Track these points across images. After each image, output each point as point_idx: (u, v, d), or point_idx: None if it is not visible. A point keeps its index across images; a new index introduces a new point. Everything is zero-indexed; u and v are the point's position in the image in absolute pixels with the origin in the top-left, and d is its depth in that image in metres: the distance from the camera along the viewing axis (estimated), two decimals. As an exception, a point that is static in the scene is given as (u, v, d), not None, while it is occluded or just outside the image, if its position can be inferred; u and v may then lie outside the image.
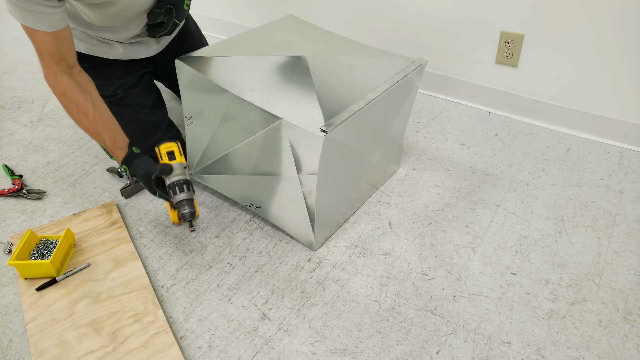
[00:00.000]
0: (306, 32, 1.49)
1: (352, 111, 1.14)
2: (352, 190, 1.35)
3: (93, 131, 1.23)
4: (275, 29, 1.49)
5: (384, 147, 1.41)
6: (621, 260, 1.25)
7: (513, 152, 1.62)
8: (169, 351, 1.07)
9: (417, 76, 1.35)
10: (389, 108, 1.31)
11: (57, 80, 1.18)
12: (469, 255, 1.28)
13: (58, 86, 1.19)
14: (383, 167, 1.47)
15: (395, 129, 1.42)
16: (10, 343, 1.12)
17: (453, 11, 1.71)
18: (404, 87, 1.32)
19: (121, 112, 1.42)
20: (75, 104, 1.20)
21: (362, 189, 1.41)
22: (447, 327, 1.12)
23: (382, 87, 1.23)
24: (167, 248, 1.33)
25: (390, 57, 1.37)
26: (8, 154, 1.70)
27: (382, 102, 1.25)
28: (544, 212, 1.40)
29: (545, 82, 1.67)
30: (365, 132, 1.27)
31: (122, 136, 1.26)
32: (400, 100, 1.35)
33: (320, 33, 1.50)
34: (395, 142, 1.48)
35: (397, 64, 1.33)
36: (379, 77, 1.27)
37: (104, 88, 1.40)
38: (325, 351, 1.08)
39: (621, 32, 1.46)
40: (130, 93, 1.42)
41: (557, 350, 1.06)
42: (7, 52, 2.35)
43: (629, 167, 1.54)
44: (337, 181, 1.26)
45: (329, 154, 1.13)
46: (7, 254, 1.33)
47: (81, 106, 1.20)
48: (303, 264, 1.28)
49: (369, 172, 1.40)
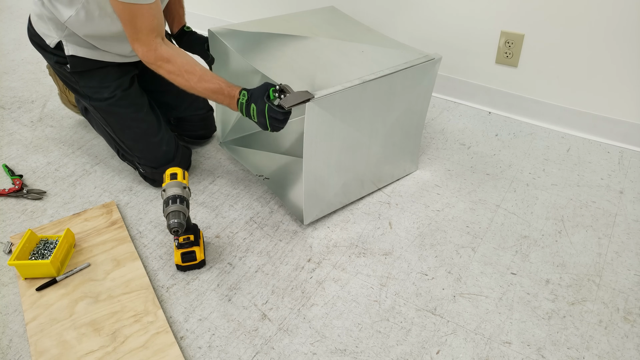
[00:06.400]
0: (336, 20, 1.55)
1: (344, 87, 1.18)
2: (348, 175, 1.36)
3: (205, 83, 1.24)
4: (311, 15, 1.58)
5: (391, 141, 1.41)
6: (621, 260, 1.25)
7: (513, 152, 1.62)
8: (169, 351, 1.07)
9: (426, 70, 1.34)
10: (392, 97, 1.32)
11: (157, 52, 1.23)
12: (469, 255, 1.28)
13: (161, 57, 1.23)
14: (393, 163, 1.47)
15: (405, 125, 1.42)
16: (10, 343, 1.12)
17: (453, 11, 1.71)
18: (410, 78, 1.32)
19: (121, 113, 1.42)
20: (180, 66, 1.24)
21: (365, 179, 1.42)
22: (447, 327, 1.12)
23: (382, 72, 1.25)
24: (167, 248, 1.33)
25: (405, 49, 1.39)
26: (8, 154, 1.70)
27: (381, 88, 1.27)
28: (544, 212, 1.40)
29: (545, 82, 1.67)
30: (361, 114, 1.28)
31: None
32: (407, 92, 1.34)
33: (350, 23, 1.55)
34: (409, 141, 1.48)
35: (408, 56, 1.34)
36: (385, 63, 1.29)
37: (101, 91, 1.40)
38: (325, 351, 1.08)
39: (621, 32, 1.46)
40: (128, 94, 1.42)
41: (557, 350, 1.06)
42: (7, 52, 2.35)
43: (629, 167, 1.54)
44: (329, 158, 1.29)
45: (316, 122, 1.18)
46: (7, 254, 1.33)
47: (186, 65, 1.24)
48: (303, 264, 1.28)
49: (372, 163, 1.40)
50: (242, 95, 1.19)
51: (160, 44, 1.23)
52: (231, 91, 1.21)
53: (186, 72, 1.24)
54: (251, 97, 1.17)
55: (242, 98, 1.19)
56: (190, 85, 1.24)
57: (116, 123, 1.45)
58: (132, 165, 1.57)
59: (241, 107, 1.19)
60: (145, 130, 1.45)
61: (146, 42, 1.22)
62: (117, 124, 1.45)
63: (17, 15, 2.75)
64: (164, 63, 1.24)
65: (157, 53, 1.23)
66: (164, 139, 1.47)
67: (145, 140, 1.45)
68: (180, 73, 1.24)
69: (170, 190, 1.19)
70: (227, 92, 1.22)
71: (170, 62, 1.24)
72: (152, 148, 1.46)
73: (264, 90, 1.16)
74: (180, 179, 1.23)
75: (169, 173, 1.23)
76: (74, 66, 1.36)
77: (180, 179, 1.23)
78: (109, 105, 1.41)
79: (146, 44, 1.23)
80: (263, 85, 1.17)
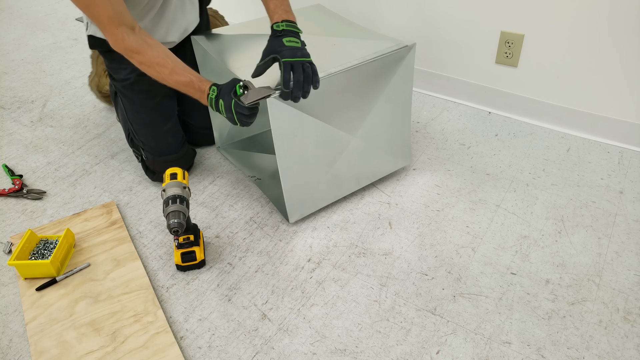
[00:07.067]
0: (318, 17, 1.54)
1: None
2: (330, 170, 1.36)
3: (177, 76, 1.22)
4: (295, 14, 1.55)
5: (374, 134, 1.40)
6: (621, 260, 1.25)
7: (513, 152, 1.62)
8: (169, 351, 1.07)
9: (399, 58, 1.32)
10: (366, 88, 1.30)
11: (125, 42, 1.20)
12: (469, 255, 1.28)
13: (129, 47, 1.20)
14: (380, 157, 1.46)
15: (388, 118, 1.40)
16: (10, 343, 1.12)
17: (453, 11, 1.71)
18: (382, 68, 1.30)
19: (133, 97, 1.47)
20: (151, 58, 1.21)
21: (351, 175, 1.42)
22: (447, 327, 1.12)
23: (350, 64, 1.24)
24: (167, 248, 1.33)
25: (380, 39, 1.36)
26: (8, 154, 1.70)
27: (351, 79, 1.26)
28: (544, 212, 1.40)
29: (545, 82, 1.67)
30: (333, 108, 1.28)
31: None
32: (382, 82, 1.33)
33: (333, 19, 1.53)
34: (395, 134, 1.46)
35: (382, 45, 1.32)
36: (355, 55, 1.27)
37: (119, 72, 1.45)
38: (325, 351, 1.08)
39: (621, 32, 1.46)
40: (143, 79, 1.42)
41: (557, 350, 1.06)
42: (7, 52, 2.36)
43: (629, 167, 1.54)
44: (305, 153, 1.29)
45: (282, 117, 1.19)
46: (7, 254, 1.33)
47: (157, 58, 1.22)
48: (303, 264, 1.28)
49: (355, 158, 1.39)
50: (212, 91, 1.18)
51: (127, 34, 1.19)
52: (202, 85, 1.20)
53: (157, 65, 1.21)
54: (220, 92, 1.17)
55: (211, 93, 1.18)
56: (162, 78, 1.23)
57: (129, 105, 1.49)
58: (136, 153, 1.57)
59: (210, 102, 1.19)
60: (154, 119, 1.48)
61: (110, 32, 1.20)
62: (129, 106, 1.49)
63: (17, 15, 2.75)
64: (133, 54, 1.21)
65: (125, 43, 1.19)
66: (170, 131, 1.49)
67: (151, 127, 1.48)
68: (151, 65, 1.22)
69: (170, 190, 1.19)
70: (198, 86, 1.21)
71: (140, 53, 1.20)
72: (158, 137, 1.48)
73: (231, 86, 1.16)
74: (180, 179, 1.23)
75: (169, 173, 1.24)
76: (92, 45, 1.44)
77: (180, 179, 1.23)
78: (123, 87, 1.46)
79: (111, 34, 1.20)
80: (230, 82, 1.17)
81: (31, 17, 2.71)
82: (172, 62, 1.22)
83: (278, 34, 1.18)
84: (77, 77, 2.14)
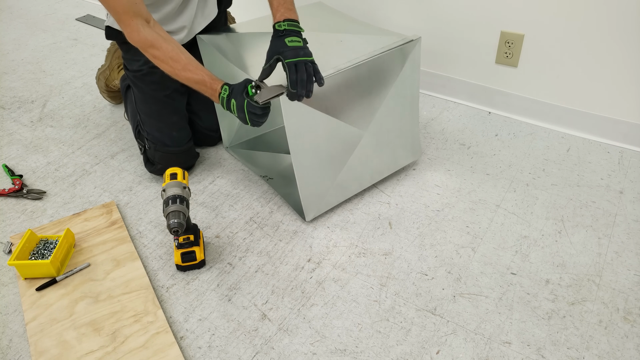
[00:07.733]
0: (320, 14, 1.55)
1: None
2: (344, 167, 1.36)
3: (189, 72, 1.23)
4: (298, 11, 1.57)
5: (385, 129, 1.40)
6: (621, 260, 1.25)
7: (513, 152, 1.62)
8: (169, 351, 1.07)
9: (406, 52, 1.33)
10: (375, 83, 1.31)
11: (140, 35, 1.21)
12: (469, 255, 1.28)
13: (145, 40, 1.21)
14: (391, 152, 1.47)
15: (397, 112, 1.41)
16: (10, 343, 1.12)
17: (453, 11, 1.71)
18: (390, 62, 1.31)
19: (144, 88, 1.50)
20: (165, 52, 1.22)
21: (364, 171, 1.42)
22: (447, 327, 1.12)
23: (359, 59, 1.25)
24: (167, 248, 1.33)
25: (384, 34, 1.38)
26: (8, 154, 1.70)
27: (361, 74, 1.27)
28: (544, 212, 1.40)
29: (545, 82, 1.67)
30: (344, 103, 1.28)
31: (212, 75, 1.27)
32: (390, 76, 1.34)
33: (335, 16, 1.54)
34: (404, 128, 1.47)
35: (387, 40, 1.33)
36: (362, 51, 1.29)
37: (132, 63, 1.49)
38: (325, 351, 1.08)
39: (621, 32, 1.46)
40: (155, 72, 1.42)
41: (557, 350, 1.06)
42: (7, 52, 2.36)
43: (629, 167, 1.54)
44: (318, 150, 1.29)
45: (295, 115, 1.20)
46: (7, 254, 1.33)
47: (171, 52, 1.22)
48: (303, 264, 1.28)
49: (367, 153, 1.40)
50: (224, 90, 1.19)
51: (142, 26, 1.20)
52: (214, 84, 1.21)
53: (171, 59, 1.22)
54: (232, 92, 1.18)
55: (223, 93, 1.19)
56: (175, 73, 1.23)
57: (139, 94, 1.52)
58: (140, 144, 1.57)
59: (222, 101, 1.19)
60: (160, 110, 1.51)
61: (126, 24, 1.21)
62: (140, 96, 1.52)
63: (17, 15, 2.75)
64: (148, 47, 1.22)
65: (141, 36, 1.21)
66: (176, 125, 1.51)
67: (157, 119, 1.50)
68: (164, 59, 1.22)
69: (170, 190, 1.19)
70: (210, 84, 1.21)
71: (155, 46, 1.21)
72: (163, 129, 1.50)
73: (244, 86, 1.16)
74: (180, 179, 1.23)
75: (169, 173, 1.24)
76: (108, 36, 1.50)
77: (180, 179, 1.23)
78: (135, 77, 1.49)
79: (127, 26, 1.21)
80: (243, 82, 1.18)
81: (31, 17, 2.71)
82: (185, 58, 1.22)
83: (280, 33, 1.19)
84: (77, 77, 2.14)
